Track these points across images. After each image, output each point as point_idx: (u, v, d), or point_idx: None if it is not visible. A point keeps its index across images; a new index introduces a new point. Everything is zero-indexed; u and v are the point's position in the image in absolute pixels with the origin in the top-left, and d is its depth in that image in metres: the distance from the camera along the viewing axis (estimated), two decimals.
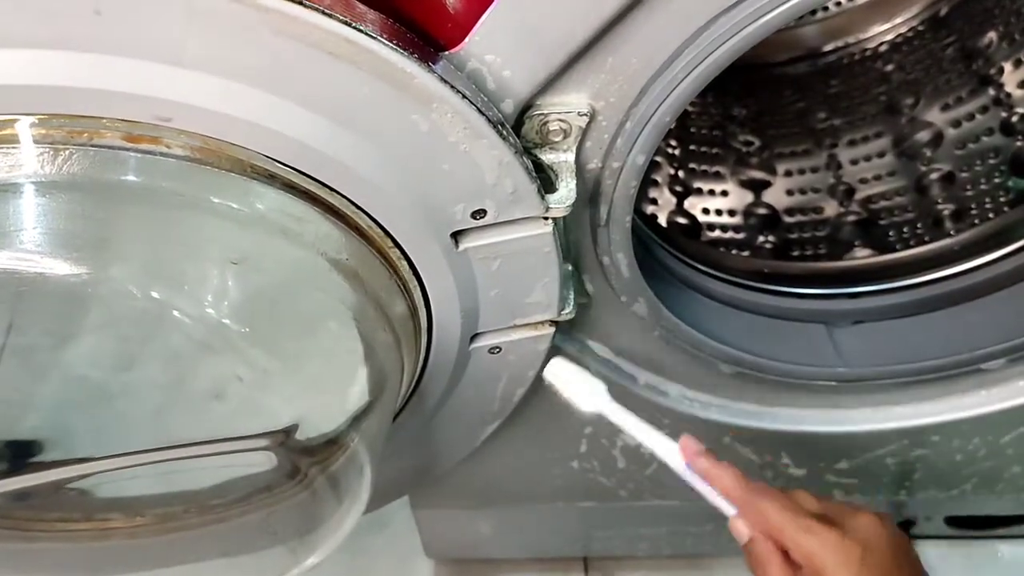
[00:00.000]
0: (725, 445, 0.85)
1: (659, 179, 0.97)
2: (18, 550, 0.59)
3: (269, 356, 0.46)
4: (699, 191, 0.99)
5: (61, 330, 0.47)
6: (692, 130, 1.04)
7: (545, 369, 0.62)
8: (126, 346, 0.49)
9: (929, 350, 0.78)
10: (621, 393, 0.77)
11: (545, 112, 0.51)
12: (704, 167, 1.01)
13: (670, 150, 1.01)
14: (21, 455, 0.53)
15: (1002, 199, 0.88)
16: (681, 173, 1.00)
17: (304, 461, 0.53)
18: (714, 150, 1.03)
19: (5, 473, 0.53)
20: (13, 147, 0.41)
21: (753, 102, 1.09)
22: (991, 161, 0.91)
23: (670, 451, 0.58)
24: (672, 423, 0.79)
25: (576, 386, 0.60)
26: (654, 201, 0.95)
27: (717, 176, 1.01)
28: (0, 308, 0.45)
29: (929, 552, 1.07)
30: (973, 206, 0.89)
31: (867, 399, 0.82)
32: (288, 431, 0.49)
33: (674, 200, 0.97)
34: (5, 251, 0.40)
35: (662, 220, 0.94)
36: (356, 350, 0.52)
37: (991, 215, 0.87)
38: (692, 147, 1.03)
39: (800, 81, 1.10)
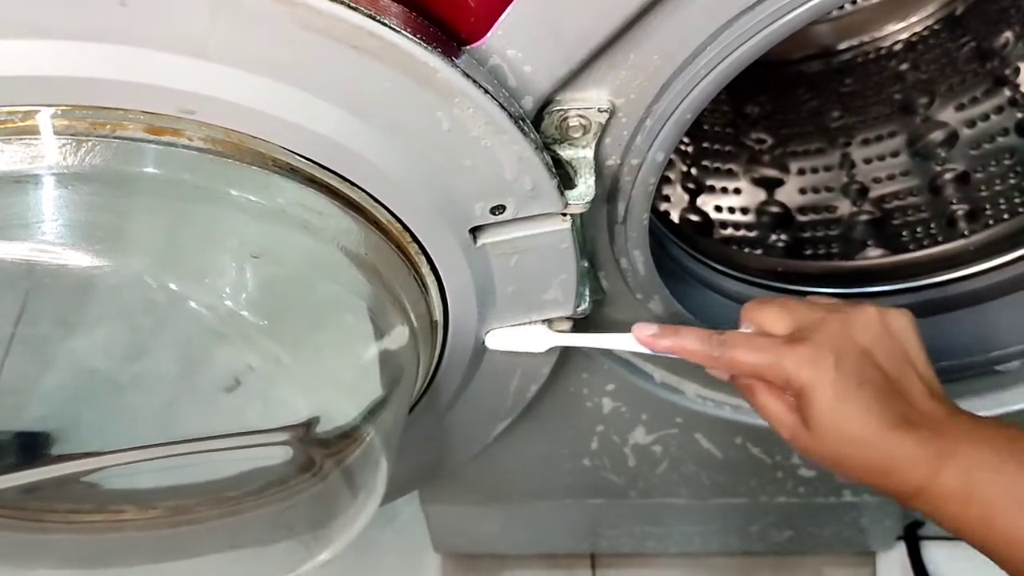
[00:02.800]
0: (737, 444, 0.84)
1: (672, 176, 0.97)
2: (30, 541, 0.59)
3: (287, 349, 0.46)
4: (712, 189, 0.99)
5: (78, 321, 0.47)
6: (705, 127, 1.04)
7: (487, 340, 0.63)
8: (143, 338, 0.49)
9: (943, 351, 0.78)
10: (638, 391, 0.77)
11: (565, 108, 0.51)
12: (717, 165, 1.01)
13: (683, 147, 1.00)
14: (33, 447, 0.53)
15: (1017, 200, 0.88)
16: (694, 170, 0.99)
17: (319, 453, 0.53)
18: (727, 148, 1.03)
19: (16, 466, 0.53)
20: (35, 138, 0.41)
21: (766, 100, 1.09)
22: (1006, 162, 0.90)
23: (627, 342, 0.58)
24: (685, 421, 0.79)
25: (521, 337, 0.62)
26: (667, 198, 0.95)
27: (730, 174, 1.01)
28: (15, 298, 0.45)
29: (939, 554, 1.07)
30: (987, 207, 0.89)
31: None
32: (309, 424, 0.49)
33: (687, 197, 0.97)
34: (26, 242, 0.40)
35: (675, 217, 0.93)
36: (372, 343, 0.52)
37: (1006, 216, 0.87)
38: (705, 144, 1.02)
39: (814, 79, 1.10)
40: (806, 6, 0.47)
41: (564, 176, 0.53)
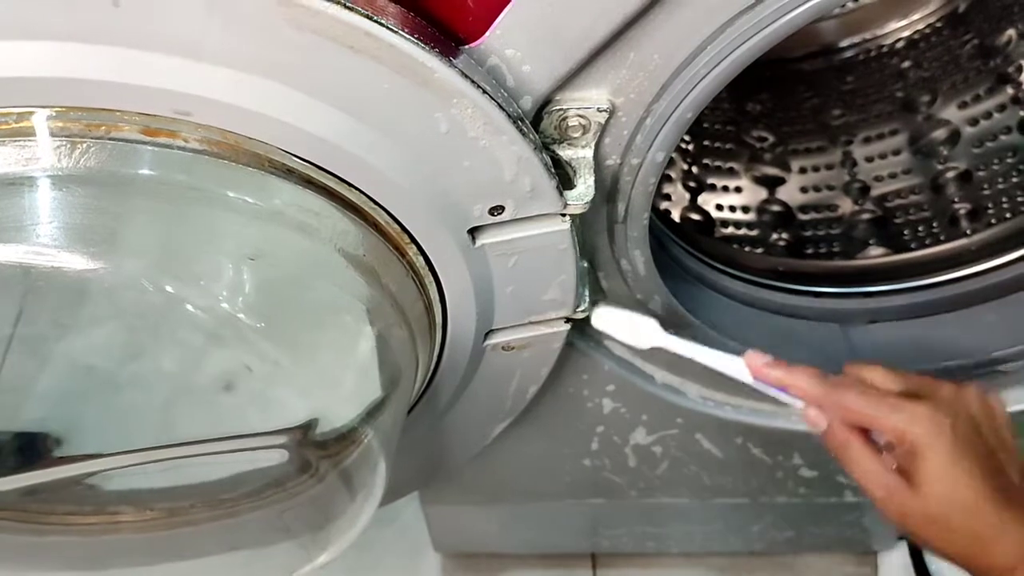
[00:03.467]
0: (737, 444, 0.84)
1: (673, 175, 0.97)
2: (28, 543, 0.59)
3: (284, 350, 0.46)
4: (712, 187, 0.99)
5: (74, 324, 0.47)
6: (706, 125, 1.04)
7: (593, 317, 0.62)
8: (140, 340, 0.48)
9: (945, 351, 0.77)
10: (639, 391, 0.77)
11: (564, 108, 0.51)
12: (718, 163, 1.01)
13: (684, 145, 1.00)
14: (31, 450, 0.53)
15: (1020, 199, 0.87)
16: (695, 169, 0.99)
17: (316, 455, 0.52)
18: (728, 146, 1.03)
19: (15, 468, 0.53)
20: (30, 140, 0.40)
21: (768, 98, 1.08)
22: (1009, 160, 0.90)
23: (739, 370, 0.58)
24: (686, 421, 0.79)
25: (629, 325, 0.62)
26: (667, 197, 0.95)
27: (731, 172, 1.00)
28: (12, 300, 0.45)
29: None
30: (990, 205, 0.88)
31: None
32: (307, 427, 0.48)
33: (687, 196, 0.96)
34: (21, 245, 0.40)
35: (675, 216, 0.93)
36: (371, 345, 0.52)
37: (1008, 215, 0.86)
38: (706, 143, 1.02)
39: (815, 77, 1.09)
40: (807, 5, 0.46)
41: (563, 176, 0.52)
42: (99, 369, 0.51)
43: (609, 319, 0.62)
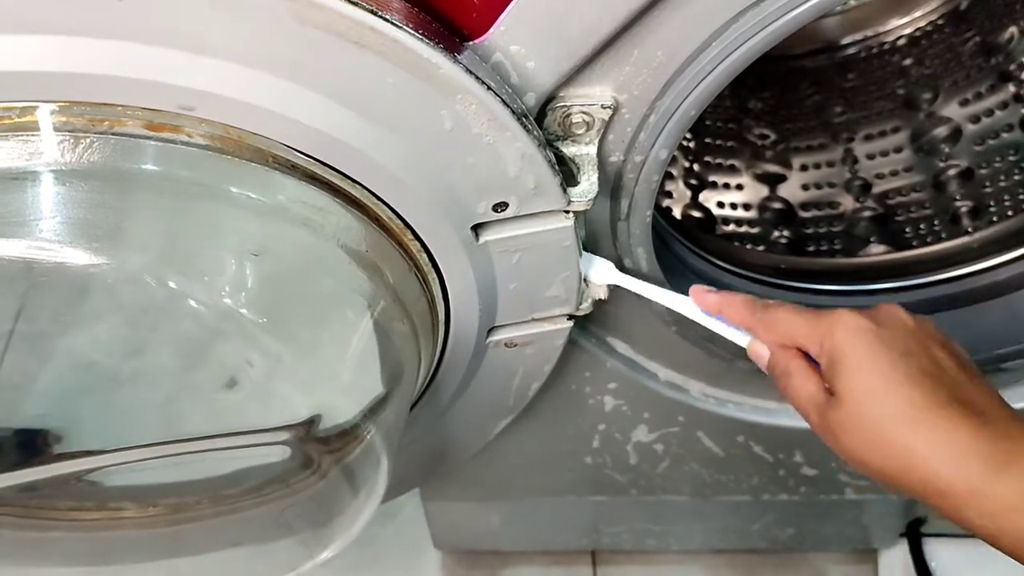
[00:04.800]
0: (738, 442, 0.84)
1: (674, 172, 0.97)
2: (30, 539, 0.59)
3: (287, 346, 0.46)
4: (714, 184, 0.99)
5: (77, 319, 0.47)
6: (707, 123, 1.03)
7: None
8: (142, 335, 0.48)
9: None
10: (640, 389, 0.77)
11: (568, 104, 0.51)
12: (719, 160, 1.01)
13: (685, 143, 1.00)
14: (33, 446, 0.53)
15: (1021, 196, 0.87)
16: (696, 166, 0.99)
17: (319, 451, 0.52)
18: (729, 143, 1.02)
19: (17, 464, 0.53)
20: (33, 134, 0.40)
21: (769, 95, 1.08)
22: (1011, 158, 0.90)
23: (684, 303, 0.60)
24: (687, 419, 0.79)
25: (589, 266, 0.62)
26: (669, 194, 0.95)
27: (732, 170, 1.00)
28: (14, 295, 0.45)
29: (941, 550, 1.07)
30: (991, 203, 0.88)
31: None
32: (309, 423, 0.48)
33: (689, 193, 0.96)
34: (24, 240, 0.40)
35: (677, 213, 0.93)
36: (373, 341, 0.52)
37: (1010, 213, 0.86)
38: (707, 140, 1.02)
39: (817, 74, 1.09)
40: (810, 3, 0.46)
41: (567, 173, 0.52)
42: (101, 365, 0.51)
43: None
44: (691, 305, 0.59)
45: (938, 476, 0.42)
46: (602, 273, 0.62)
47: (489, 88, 0.44)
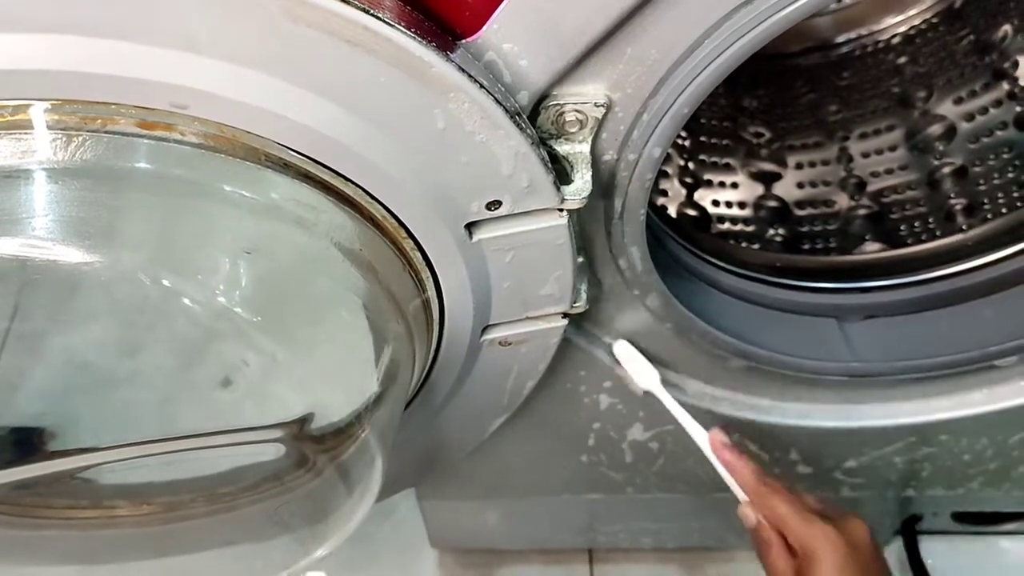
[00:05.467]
0: (733, 440, 0.84)
1: (669, 170, 0.97)
2: (25, 537, 0.59)
3: (281, 345, 0.46)
4: (709, 183, 0.99)
5: (70, 318, 0.47)
6: (702, 121, 1.03)
7: (614, 347, 0.72)
8: (136, 334, 0.48)
9: (941, 346, 0.77)
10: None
11: (561, 102, 0.51)
12: (714, 159, 1.01)
13: (680, 141, 1.00)
14: (27, 443, 0.53)
15: (1015, 194, 0.87)
16: (691, 164, 0.99)
17: (313, 449, 0.52)
18: (724, 142, 1.03)
19: (11, 462, 0.53)
20: (26, 133, 0.40)
21: (764, 93, 1.08)
22: (1005, 156, 0.90)
23: (703, 440, 0.69)
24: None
25: (637, 367, 0.72)
26: (664, 192, 0.95)
27: (727, 168, 1.00)
28: (7, 293, 0.44)
29: (937, 548, 1.07)
30: (986, 201, 0.88)
31: (878, 394, 0.82)
32: (303, 421, 0.48)
33: (684, 192, 0.96)
34: (17, 238, 0.40)
35: (672, 212, 0.93)
36: (367, 340, 0.52)
37: (1004, 210, 0.86)
38: (703, 138, 1.02)
39: (812, 73, 1.09)
40: (802, 1, 0.46)
41: (560, 171, 0.52)
42: (95, 363, 0.50)
43: (624, 354, 0.72)
44: (705, 445, 0.69)
45: None
46: (646, 379, 0.72)
47: (482, 86, 0.44)
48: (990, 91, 0.94)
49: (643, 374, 0.71)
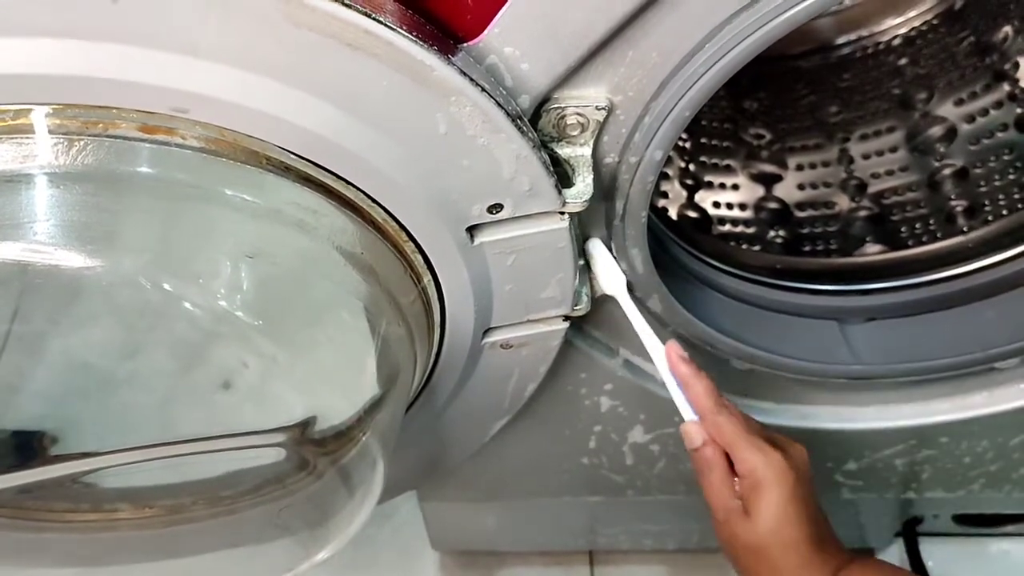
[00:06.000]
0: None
1: (670, 172, 0.96)
2: (26, 540, 0.59)
3: (282, 348, 0.46)
4: (710, 184, 0.99)
5: (71, 321, 0.47)
6: (703, 123, 1.03)
7: (587, 243, 0.64)
8: (137, 338, 0.48)
9: (942, 348, 0.77)
10: (636, 390, 0.77)
11: (562, 106, 0.51)
12: (715, 160, 1.01)
13: (681, 143, 1.00)
14: (28, 447, 0.53)
15: (1016, 196, 0.87)
16: (692, 166, 0.99)
17: (314, 452, 0.52)
18: (725, 143, 1.02)
19: (12, 467, 0.53)
20: (27, 137, 0.40)
21: (764, 95, 1.08)
22: (1005, 157, 0.90)
23: (658, 351, 0.62)
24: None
25: (605, 267, 0.64)
26: (664, 194, 0.95)
27: (728, 170, 1.00)
28: (9, 297, 0.45)
29: (937, 550, 1.07)
30: (987, 203, 0.88)
31: (879, 396, 0.82)
32: (305, 425, 0.48)
33: (685, 193, 0.96)
34: (18, 243, 0.40)
35: (673, 213, 0.93)
36: (369, 343, 0.52)
37: (1005, 212, 0.86)
38: (703, 140, 1.02)
39: (812, 74, 1.09)
40: (804, 4, 0.46)
41: (562, 174, 0.52)
42: (96, 367, 0.50)
43: (596, 253, 0.64)
44: (662, 356, 0.62)
45: None
46: (612, 281, 0.64)
47: (483, 90, 0.44)
48: (991, 93, 0.94)
49: (610, 276, 0.64)
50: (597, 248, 0.64)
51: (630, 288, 0.65)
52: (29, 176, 0.41)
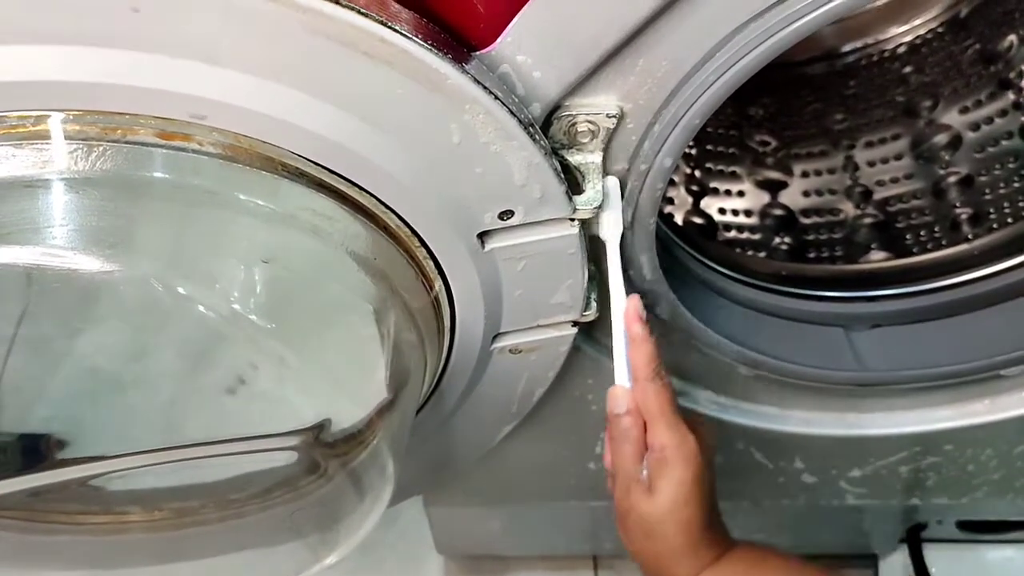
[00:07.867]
0: (739, 449, 0.84)
1: (676, 178, 0.97)
2: (37, 542, 0.59)
3: (294, 352, 0.46)
4: (715, 191, 0.99)
5: (88, 325, 0.47)
6: (709, 129, 1.04)
7: (607, 180, 0.58)
8: (151, 341, 0.49)
9: (948, 355, 0.78)
10: None
11: (573, 113, 0.51)
12: (721, 167, 1.01)
13: (687, 149, 1.00)
14: (40, 450, 0.53)
15: (1021, 204, 0.87)
16: (698, 172, 0.99)
17: (325, 455, 0.53)
18: (731, 150, 1.03)
19: (23, 470, 0.53)
20: (46, 143, 0.41)
21: (770, 102, 1.09)
22: (1010, 165, 0.90)
23: (620, 303, 0.60)
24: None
25: (609, 211, 0.59)
26: (670, 200, 0.95)
27: (733, 176, 1.01)
28: (26, 301, 0.45)
29: (941, 556, 1.07)
30: (991, 211, 0.89)
31: (884, 403, 0.82)
32: (319, 428, 0.49)
33: (690, 200, 0.97)
34: (37, 247, 0.40)
35: (678, 220, 0.93)
36: (380, 348, 0.52)
37: (1010, 220, 0.86)
38: (709, 147, 1.02)
39: (817, 81, 1.10)
40: (813, 14, 0.47)
41: (572, 181, 0.53)
42: (109, 370, 0.51)
43: (609, 193, 0.58)
44: (620, 311, 0.60)
45: (675, 569, 0.60)
46: (610, 227, 0.60)
47: (496, 98, 0.44)
48: (995, 101, 0.94)
49: (611, 221, 0.59)
50: (612, 191, 0.59)
51: (623, 240, 0.61)
52: (48, 181, 0.41)
